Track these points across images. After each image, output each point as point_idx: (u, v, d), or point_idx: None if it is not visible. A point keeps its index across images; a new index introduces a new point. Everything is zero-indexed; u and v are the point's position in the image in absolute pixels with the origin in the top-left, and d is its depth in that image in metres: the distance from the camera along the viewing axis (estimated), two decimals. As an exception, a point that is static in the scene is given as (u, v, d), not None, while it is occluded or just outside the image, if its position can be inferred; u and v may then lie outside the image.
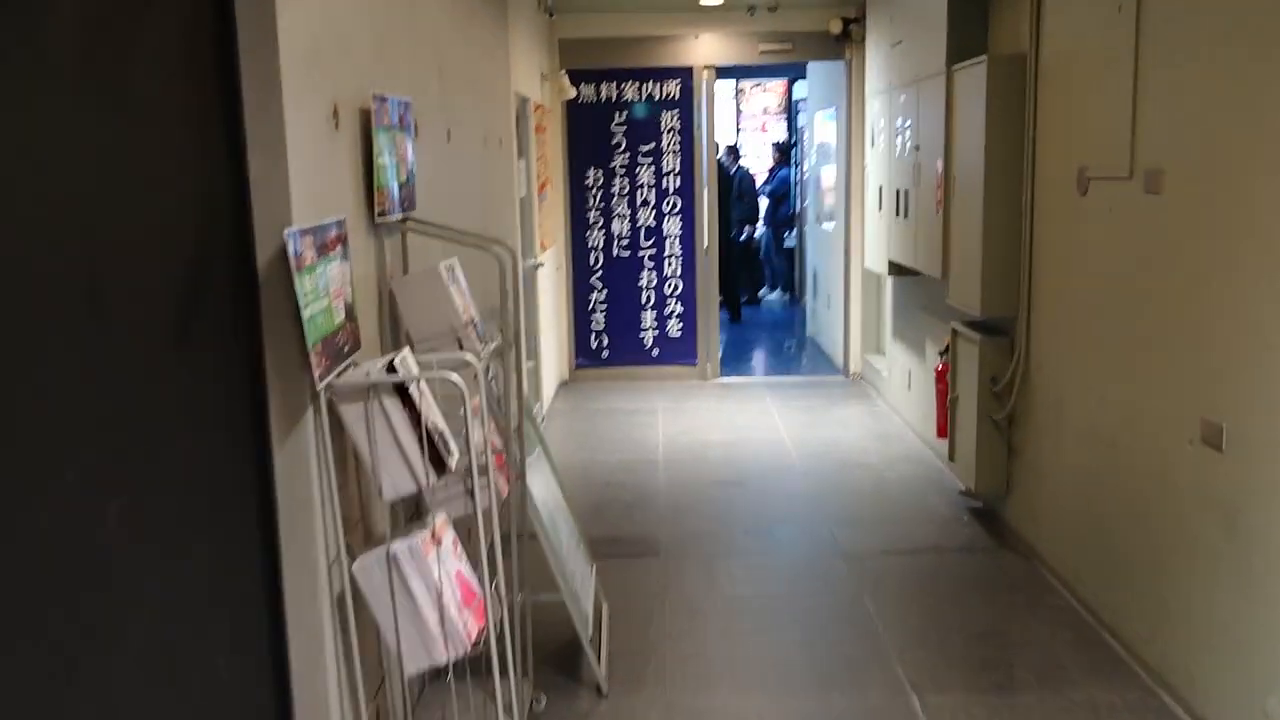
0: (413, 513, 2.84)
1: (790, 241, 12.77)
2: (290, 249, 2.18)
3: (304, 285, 2.24)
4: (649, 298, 8.40)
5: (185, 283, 2.04)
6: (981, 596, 4.24)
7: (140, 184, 1.88)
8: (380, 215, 2.84)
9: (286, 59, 2.26)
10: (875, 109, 6.75)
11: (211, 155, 2.16)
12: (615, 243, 8.34)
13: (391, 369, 2.36)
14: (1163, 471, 3.37)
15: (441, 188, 3.83)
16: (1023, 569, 4.47)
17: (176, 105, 2.04)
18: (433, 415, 2.46)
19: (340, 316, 2.47)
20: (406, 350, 2.49)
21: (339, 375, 2.37)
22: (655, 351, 8.46)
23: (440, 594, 2.45)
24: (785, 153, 12.53)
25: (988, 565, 4.55)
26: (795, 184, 12.93)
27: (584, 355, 8.47)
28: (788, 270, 12.73)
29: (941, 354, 5.54)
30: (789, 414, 7.24)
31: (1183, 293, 3.23)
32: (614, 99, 8.17)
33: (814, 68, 9.80)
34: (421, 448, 2.38)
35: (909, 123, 5.85)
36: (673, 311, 8.41)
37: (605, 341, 8.48)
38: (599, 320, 8.44)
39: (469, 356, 2.61)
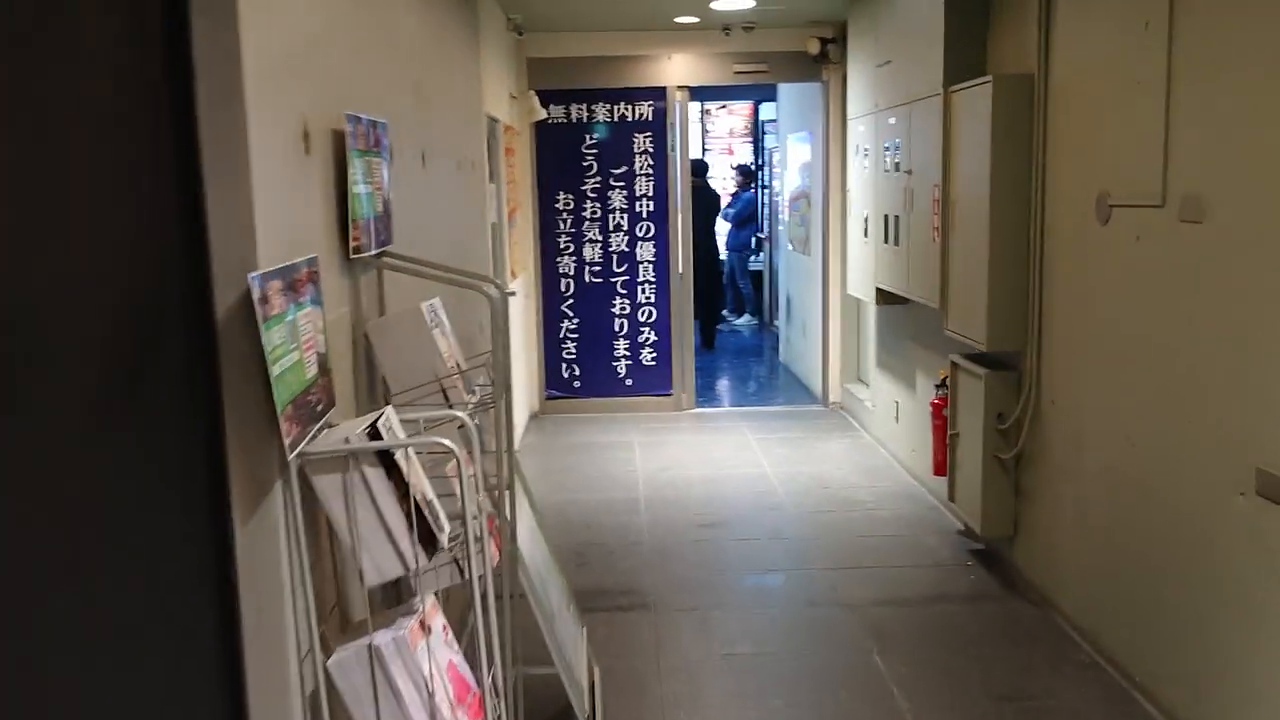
0: (394, 590, 2.50)
1: (757, 264, 12.56)
2: (255, 294, 1.84)
3: (272, 337, 1.91)
4: (622, 325, 8.10)
5: (127, 337, 1.70)
6: (998, 651, 3.96)
7: (68, 217, 1.54)
8: (355, 251, 2.51)
9: (252, 69, 1.93)
10: (859, 132, 6.52)
11: (160, 182, 1.82)
12: (587, 269, 8.03)
13: (374, 433, 2.02)
14: (1207, 523, 3.12)
15: (417, 217, 3.51)
16: (1037, 619, 4.20)
17: (116, 121, 1.70)
18: (422, 485, 2.13)
19: (313, 370, 2.13)
20: (389, 410, 2.16)
21: (312, 441, 2.03)
22: (629, 381, 8.15)
23: (431, 692, 2.11)
24: (748, 176, 12.32)
25: (999, 615, 4.28)
26: (762, 207, 12.73)
27: (555, 386, 8.14)
28: (755, 295, 12.49)
29: (938, 387, 5.29)
30: (770, 446, 6.95)
31: (1231, 328, 2.98)
32: (585, 120, 7.88)
33: (785, 90, 9.59)
34: (410, 524, 2.05)
35: (899, 146, 5.61)
36: (646, 340, 8.10)
37: (577, 371, 8.15)
38: (570, 349, 8.12)
39: (462, 414, 2.28)
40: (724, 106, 13.96)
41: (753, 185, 12.40)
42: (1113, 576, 3.74)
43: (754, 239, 12.20)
